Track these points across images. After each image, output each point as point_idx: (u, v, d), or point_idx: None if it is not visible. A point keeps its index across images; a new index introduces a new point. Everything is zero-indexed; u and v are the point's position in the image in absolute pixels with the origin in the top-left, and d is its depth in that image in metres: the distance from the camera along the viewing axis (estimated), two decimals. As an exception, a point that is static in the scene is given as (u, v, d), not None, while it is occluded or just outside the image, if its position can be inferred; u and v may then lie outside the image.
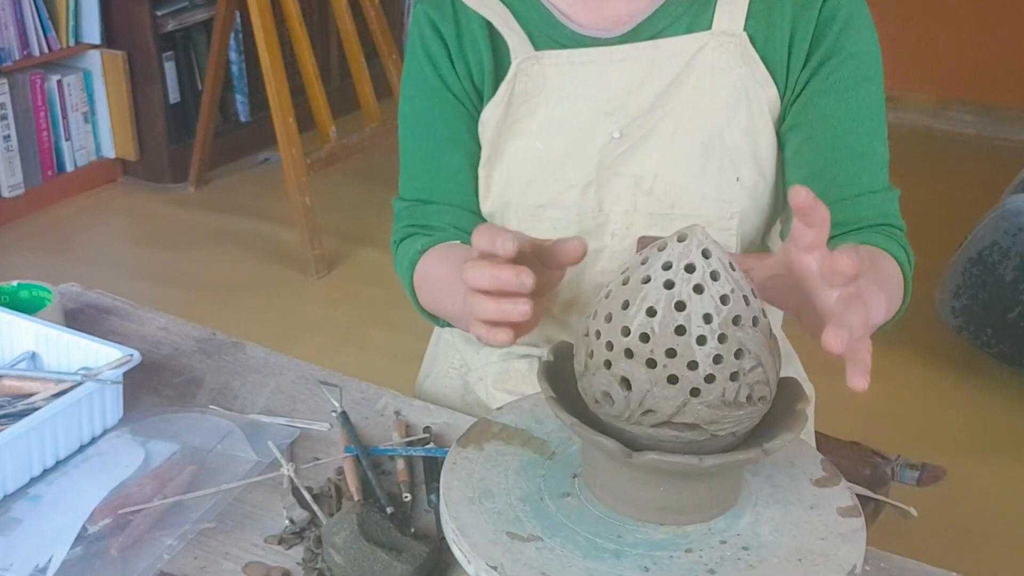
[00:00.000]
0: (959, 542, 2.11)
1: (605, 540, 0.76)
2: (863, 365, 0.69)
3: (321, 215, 3.26)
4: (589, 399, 0.76)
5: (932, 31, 4.27)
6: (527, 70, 1.09)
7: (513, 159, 1.11)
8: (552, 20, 1.10)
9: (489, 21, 1.10)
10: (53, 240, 3.43)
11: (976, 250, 2.63)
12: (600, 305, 0.75)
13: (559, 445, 0.86)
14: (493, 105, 1.11)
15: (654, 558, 0.74)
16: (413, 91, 1.16)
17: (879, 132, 1.08)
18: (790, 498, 0.81)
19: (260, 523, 0.94)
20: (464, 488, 0.80)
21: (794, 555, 0.75)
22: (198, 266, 3.26)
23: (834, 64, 1.06)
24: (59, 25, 3.53)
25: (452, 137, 1.14)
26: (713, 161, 1.06)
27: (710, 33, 1.06)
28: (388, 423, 1.08)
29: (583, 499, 0.80)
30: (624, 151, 1.08)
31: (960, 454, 2.34)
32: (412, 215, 1.17)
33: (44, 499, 0.95)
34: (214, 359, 1.20)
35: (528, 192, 1.11)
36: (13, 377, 1.06)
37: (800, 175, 1.07)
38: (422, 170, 1.17)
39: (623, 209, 1.09)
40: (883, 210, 1.07)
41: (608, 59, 1.08)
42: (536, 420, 0.88)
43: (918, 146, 4.13)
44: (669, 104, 1.07)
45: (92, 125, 3.72)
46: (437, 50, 1.13)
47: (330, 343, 2.84)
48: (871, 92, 1.07)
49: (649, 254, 0.73)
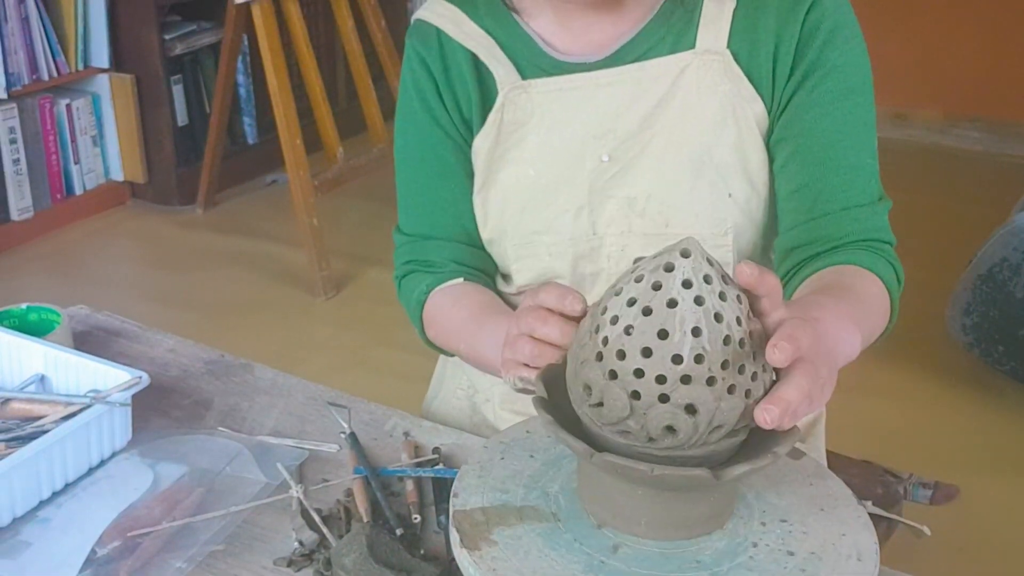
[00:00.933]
0: (973, 561, 2.09)
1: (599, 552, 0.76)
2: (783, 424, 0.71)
3: (329, 236, 3.26)
4: (640, 439, 0.73)
5: (939, 48, 4.28)
6: (515, 99, 1.10)
7: (507, 187, 1.12)
8: (536, 49, 1.11)
9: (474, 53, 1.11)
10: (62, 263, 3.44)
11: (986, 267, 2.62)
12: (622, 343, 0.72)
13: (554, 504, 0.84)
14: (483, 135, 1.12)
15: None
16: (405, 126, 1.18)
17: (867, 144, 1.07)
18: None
19: (269, 545, 0.93)
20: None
21: (805, 574, 0.75)
22: (206, 288, 3.27)
23: (819, 77, 1.05)
24: (68, 49, 3.55)
25: (444, 170, 1.16)
26: (704, 179, 1.07)
27: (694, 52, 1.07)
28: (397, 444, 1.08)
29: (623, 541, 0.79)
30: (615, 174, 1.09)
31: (973, 472, 2.32)
32: (412, 251, 1.19)
33: (53, 522, 0.95)
34: (223, 381, 1.20)
35: (522, 219, 1.12)
36: (22, 400, 1.06)
37: (787, 189, 1.07)
38: (418, 204, 1.18)
39: (617, 231, 1.09)
40: (870, 224, 1.06)
41: (595, 84, 1.09)
42: (529, 452, 0.88)
43: (926, 163, 4.13)
44: (657, 125, 1.08)
45: (101, 148, 3.74)
46: (425, 84, 1.14)
47: (339, 364, 2.84)
48: (857, 104, 1.07)
49: (642, 276, 0.73)
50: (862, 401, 2.57)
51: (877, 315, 1.02)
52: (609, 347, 0.72)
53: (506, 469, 0.86)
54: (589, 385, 0.74)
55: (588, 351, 0.74)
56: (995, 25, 4.18)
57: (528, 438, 0.89)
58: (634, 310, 0.72)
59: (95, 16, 3.57)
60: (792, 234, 1.07)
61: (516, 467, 0.86)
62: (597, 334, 0.74)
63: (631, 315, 0.72)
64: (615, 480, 0.76)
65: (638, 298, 0.72)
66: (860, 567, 0.76)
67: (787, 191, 1.07)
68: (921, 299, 3.02)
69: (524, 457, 0.87)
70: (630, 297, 0.72)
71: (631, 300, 0.72)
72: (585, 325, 0.77)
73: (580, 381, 0.75)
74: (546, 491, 0.83)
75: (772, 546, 0.77)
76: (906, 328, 3.16)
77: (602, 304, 0.75)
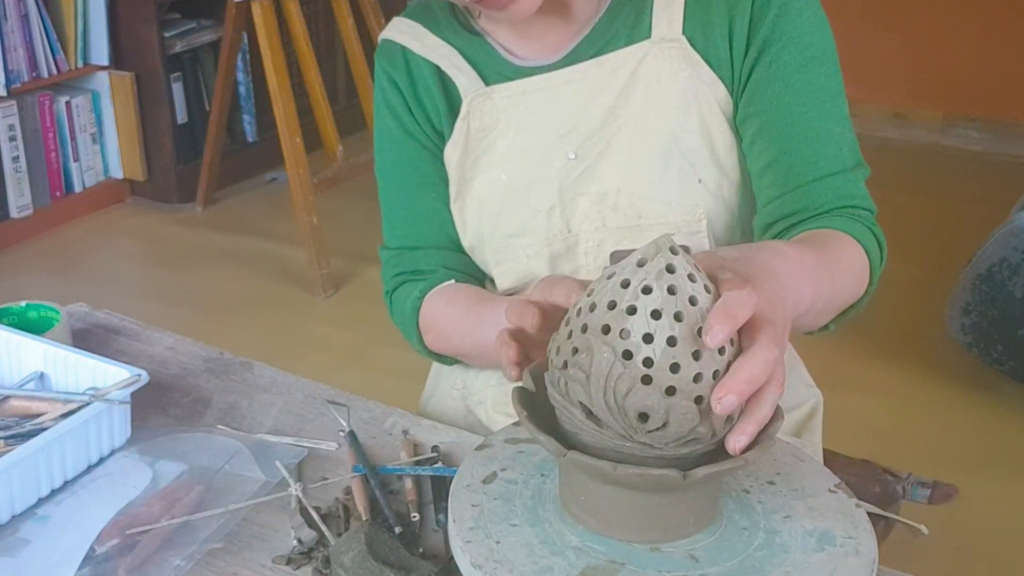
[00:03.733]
0: (970, 560, 2.09)
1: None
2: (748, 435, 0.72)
3: (328, 234, 3.26)
4: (616, 427, 0.74)
5: (939, 48, 4.27)
6: (479, 106, 1.12)
7: (480, 194, 1.14)
8: (497, 57, 1.13)
9: (438, 65, 1.13)
10: (61, 260, 3.44)
11: (985, 267, 2.63)
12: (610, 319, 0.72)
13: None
14: (452, 144, 1.14)
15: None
16: (382, 144, 1.20)
17: (834, 112, 1.06)
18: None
19: (268, 543, 0.93)
20: None
21: (803, 573, 0.75)
22: (206, 286, 3.27)
23: (775, 51, 1.05)
24: (68, 47, 3.55)
25: (423, 182, 1.17)
26: (672, 167, 1.07)
27: (650, 42, 1.07)
28: (396, 442, 1.08)
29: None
30: (583, 171, 1.10)
31: (971, 472, 2.32)
32: (400, 263, 1.20)
33: (52, 519, 0.95)
34: (222, 379, 1.20)
35: (498, 224, 1.13)
36: (21, 397, 1.06)
37: (758, 166, 1.07)
38: (401, 217, 1.20)
39: (592, 227, 1.10)
40: (844, 192, 1.05)
41: (556, 83, 1.10)
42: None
43: (925, 163, 4.13)
44: (621, 118, 1.08)
45: (100, 146, 3.74)
46: (395, 101, 1.17)
47: (338, 362, 2.84)
48: (820, 73, 1.06)
49: (621, 273, 0.72)
50: (861, 400, 2.57)
51: (851, 275, 1.00)
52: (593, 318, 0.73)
53: (505, 467, 0.86)
54: (577, 348, 0.74)
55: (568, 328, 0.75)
56: (995, 25, 4.17)
57: (527, 436, 0.89)
58: (620, 307, 0.72)
59: (95, 13, 3.57)
60: (768, 210, 1.07)
61: (515, 465, 0.86)
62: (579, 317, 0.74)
63: (616, 312, 0.72)
64: (590, 480, 0.77)
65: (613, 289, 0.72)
66: (858, 566, 0.76)
67: (759, 168, 1.07)
68: (920, 298, 3.04)
69: (523, 456, 0.87)
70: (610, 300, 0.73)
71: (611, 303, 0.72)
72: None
73: (569, 346, 0.75)
74: (544, 490, 0.83)
75: (770, 545, 0.78)
76: (905, 327, 3.18)
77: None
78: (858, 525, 0.80)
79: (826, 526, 0.80)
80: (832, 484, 0.85)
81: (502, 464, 0.86)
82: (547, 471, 0.85)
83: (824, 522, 0.80)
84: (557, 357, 0.76)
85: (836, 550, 0.77)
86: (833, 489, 0.84)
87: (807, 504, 0.82)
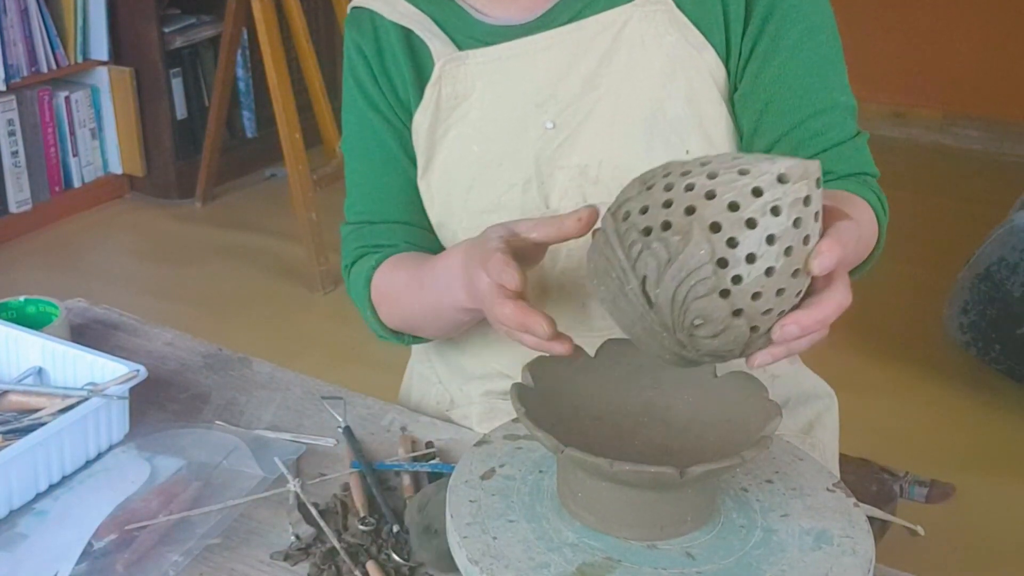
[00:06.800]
0: (967, 560, 2.10)
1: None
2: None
3: (327, 230, 3.26)
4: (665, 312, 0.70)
5: (939, 47, 4.27)
6: (453, 72, 1.06)
7: (450, 166, 1.08)
8: (469, 19, 1.07)
9: (408, 30, 1.09)
10: (60, 255, 3.44)
11: (984, 266, 2.63)
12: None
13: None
14: (422, 110, 1.08)
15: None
16: (348, 117, 1.16)
17: (838, 81, 1.05)
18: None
19: (266, 539, 0.93)
20: None
21: (801, 572, 0.75)
22: (204, 281, 3.27)
23: (777, 22, 1.01)
24: (67, 42, 3.54)
25: (387, 157, 1.13)
26: (658, 137, 1.02)
27: (634, 5, 1.01)
28: (394, 438, 1.08)
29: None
30: (562, 142, 1.04)
31: (969, 471, 2.32)
32: (360, 236, 1.15)
33: (50, 515, 0.95)
34: (220, 374, 1.20)
35: (469, 198, 1.08)
36: (19, 392, 1.06)
37: (766, 142, 1.03)
38: (364, 193, 1.15)
39: (571, 203, 1.03)
40: (854, 161, 1.04)
41: (533, 48, 1.04)
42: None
43: (925, 162, 4.12)
44: (602, 86, 1.02)
45: (100, 141, 3.74)
46: (362, 71, 1.12)
47: (336, 358, 2.84)
48: (822, 42, 1.03)
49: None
50: (859, 399, 2.57)
51: (870, 234, 0.99)
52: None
53: (502, 463, 0.86)
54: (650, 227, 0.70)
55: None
56: (995, 24, 4.17)
57: (526, 432, 0.89)
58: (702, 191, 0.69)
59: (94, 8, 3.56)
60: None
61: (513, 462, 0.86)
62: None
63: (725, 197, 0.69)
64: (587, 477, 0.77)
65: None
66: (854, 564, 0.76)
67: (766, 144, 1.03)
68: (919, 297, 3.04)
69: (522, 452, 0.87)
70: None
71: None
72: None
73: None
74: (542, 486, 0.83)
75: (767, 543, 0.78)
76: (903, 326, 3.18)
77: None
78: (855, 524, 0.80)
79: (823, 525, 0.80)
80: (830, 483, 0.85)
81: (500, 460, 0.87)
82: (545, 468, 0.85)
83: (821, 521, 0.80)
84: (640, 217, 0.71)
85: (833, 549, 0.77)
86: (831, 488, 0.84)
87: (805, 503, 0.82)
